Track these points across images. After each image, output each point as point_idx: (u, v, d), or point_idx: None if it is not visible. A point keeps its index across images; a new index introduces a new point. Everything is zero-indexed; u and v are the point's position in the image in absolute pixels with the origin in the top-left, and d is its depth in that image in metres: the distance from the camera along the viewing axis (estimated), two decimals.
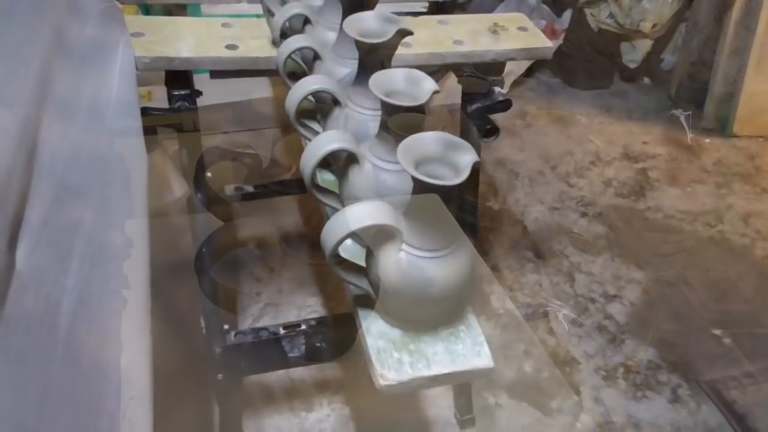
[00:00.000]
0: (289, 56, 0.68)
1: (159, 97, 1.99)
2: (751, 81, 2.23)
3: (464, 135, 1.19)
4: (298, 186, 1.66)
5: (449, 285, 0.47)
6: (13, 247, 0.59)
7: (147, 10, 1.66)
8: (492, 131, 1.00)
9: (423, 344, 0.50)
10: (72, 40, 0.81)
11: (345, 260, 0.51)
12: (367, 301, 0.53)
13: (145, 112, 0.85)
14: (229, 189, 1.56)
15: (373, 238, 0.49)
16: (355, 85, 0.62)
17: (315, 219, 1.91)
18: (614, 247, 1.89)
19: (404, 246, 0.47)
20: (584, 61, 2.52)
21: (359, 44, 0.58)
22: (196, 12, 1.11)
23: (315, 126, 0.72)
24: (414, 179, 0.44)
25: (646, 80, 2.63)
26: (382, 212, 0.46)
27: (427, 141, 0.47)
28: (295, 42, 0.67)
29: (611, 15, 2.41)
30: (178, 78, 0.93)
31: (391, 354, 0.49)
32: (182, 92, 0.93)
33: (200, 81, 1.00)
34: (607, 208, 2.02)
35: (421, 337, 0.51)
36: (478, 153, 1.21)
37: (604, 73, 2.57)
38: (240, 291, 1.68)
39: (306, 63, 0.75)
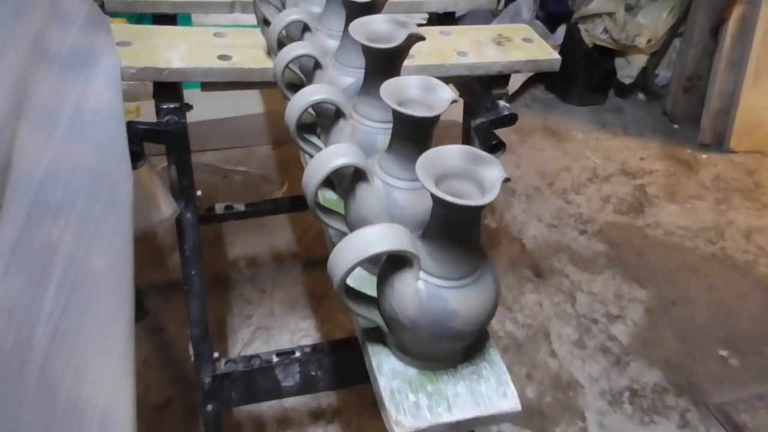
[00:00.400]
0: (287, 65, 0.63)
1: (147, 113, 1.93)
2: (747, 95, 2.21)
3: None
4: (290, 204, 1.61)
5: (474, 318, 0.42)
6: None
7: (136, 20, 1.60)
8: (498, 146, 0.95)
9: (442, 384, 0.45)
10: (54, 48, 0.76)
11: (354, 290, 0.45)
12: (378, 336, 0.48)
13: (131, 126, 0.79)
14: (220, 207, 1.51)
15: (387, 266, 0.43)
16: (361, 94, 0.57)
17: (308, 237, 1.85)
18: (615, 265, 1.84)
19: (422, 274, 0.42)
20: (579, 77, 2.50)
21: (367, 50, 0.53)
22: (186, 22, 1.06)
23: (316, 141, 0.67)
24: (435, 199, 0.38)
25: (641, 95, 2.61)
26: (397, 237, 0.41)
27: (449, 155, 0.42)
28: (294, 50, 0.62)
29: (606, 30, 2.40)
30: (167, 90, 0.87)
31: (406, 396, 0.44)
32: (171, 105, 0.88)
33: (190, 96, 0.95)
34: (606, 225, 1.98)
35: (440, 377, 0.45)
36: None
37: (599, 88, 2.55)
38: (230, 313, 1.61)
39: (305, 73, 0.70)
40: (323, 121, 0.62)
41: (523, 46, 1.00)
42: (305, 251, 1.82)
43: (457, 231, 0.41)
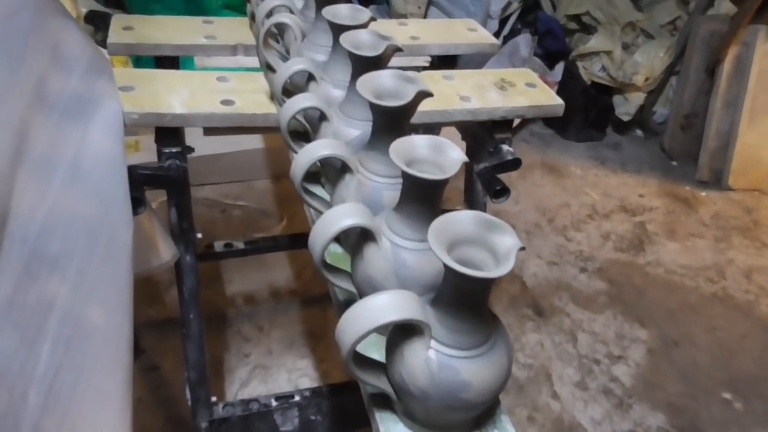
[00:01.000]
0: (292, 117, 0.62)
1: (147, 147, 1.92)
2: (744, 134, 2.23)
3: (470, 195, 1.13)
4: (289, 242, 1.59)
5: (486, 388, 0.40)
6: None
7: (138, 62, 1.61)
8: (501, 192, 0.94)
9: None
10: (55, 94, 0.75)
11: (362, 356, 0.44)
12: (386, 402, 0.46)
13: (132, 171, 0.78)
14: (219, 245, 1.49)
15: (397, 333, 0.42)
16: (368, 149, 0.56)
17: (306, 274, 1.83)
18: (616, 303, 1.83)
19: (433, 343, 0.41)
20: (577, 113, 2.51)
21: (375, 107, 0.52)
22: (189, 65, 1.06)
23: (319, 191, 0.66)
24: (447, 269, 0.37)
25: (639, 132, 2.63)
26: (408, 305, 0.40)
27: (461, 221, 0.41)
28: (299, 102, 0.62)
29: (603, 68, 2.42)
30: (169, 134, 0.86)
31: None
32: (173, 150, 0.87)
33: (191, 131, 0.94)
34: (606, 262, 1.97)
35: None
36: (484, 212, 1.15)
37: (597, 124, 2.56)
38: (227, 351, 1.58)
39: (310, 123, 0.69)
40: (328, 171, 0.61)
41: (527, 91, 1.00)
42: (303, 288, 1.80)
43: (469, 300, 0.40)
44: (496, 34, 2.71)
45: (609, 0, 2.46)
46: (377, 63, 0.61)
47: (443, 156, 0.48)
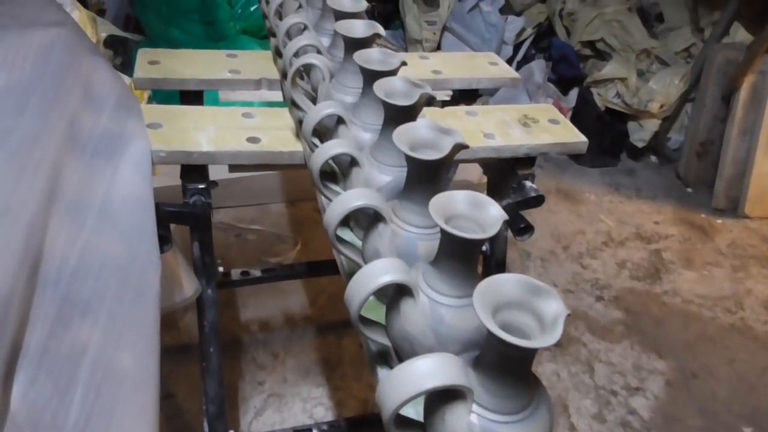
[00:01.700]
0: (324, 163, 0.62)
1: (165, 171, 1.94)
2: (760, 162, 2.22)
3: (493, 240, 1.13)
4: (306, 270, 1.59)
5: None
6: (8, 383, 0.51)
7: (162, 96, 1.62)
8: (525, 230, 0.94)
9: None
10: (86, 133, 0.76)
11: (402, 417, 0.43)
12: None
13: (158, 208, 0.78)
14: (236, 273, 1.49)
15: (439, 396, 0.41)
16: (402, 199, 0.56)
17: (321, 300, 1.83)
18: (633, 333, 1.81)
19: (476, 407, 0.40)
20: (592, 139, 2.50)
21: (411, 160, 0.52)
22: (213, 98, 1.07)
23: (348, 235, 0.66)
24: (493, 336, 0.37)
25: (653, 158, 2.62)
26: (450, 370, 0.39)
27: (506, 285, 0.41)
28: (331, 148, 0.62)
29: (618, 95, 2.42)
30: (195, 171, 0.87)
31: None
32: (198, 186, 0.88)
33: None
34: (623, 291, 1.96)
35: None
36: (505, 248, 1.15)
37: (611, 150, 2.56)
38: (242, 380, 1.58)
39: (339, 165, 0.70)
40: (359, 217, 0.61)
41: (550, 127, 1.00)
42: (318, 315, 1.79)
43: (514, 365, 0.40)
44: (510, 60, 2.73)
45: (623, 27, 2.47)
46: (411, 112, 0.61)
47: (483, 213, 0.48)
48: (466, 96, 1.19)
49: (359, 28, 0.76)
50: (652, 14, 2.58)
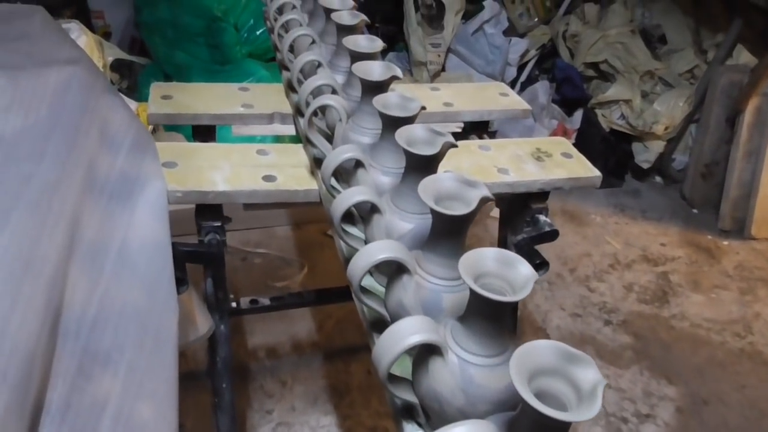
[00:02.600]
0: (346, 211, 0.62)
1: None
2: (766, 184, 2.22)
3: None
4: (315, 298, 1.58)
5: None
6: None
7: (175, 130, 1.64)
8: (542, 265, 0.94)
9: None
10: (103, 176, 0.76)
11: None
12: None
13: (173, 248, 0.78)
14: (245, 302, 1.48)
15: None
16: (426, 251, 0.56)
17: (328, 325, 1.82)
18: (642, 358, 1.80)
19: None
20: (596, 160, 2.50)
21: (438, 214, 0.52)
22: (226, 133, 1.07)
23: (367, 279, 0.65)
24: (528, 406, 0.36)
25: (658, 179, 2.62)
26: None
27: (543, 351, 0.40)
28: (352, 196, 0.62)
29: (622, 116, 2.43)
30: (210, 209, 0.87)
31: None
32: (213, 224, 0.87)
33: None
34: (630, 315, 1.95)
35: None
36: None
37: (616, 171, 2.56)
38: (250, 408, 1.56)
39: (359, 210, 0.69)
40: (382, 266, 0.60)
41: (564, 162, 1.00)
42: (326, 341, 1.78)
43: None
44: (514, 81, 2.74)
45: (627, 49, 2.49)
46: (433, 161, 0.61)
47: (513, 271, 0.48)
48: (477, 127, 1.19)
49: (376, 70, 0.76)
50: (655, 36, 2.60)
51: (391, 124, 0.68)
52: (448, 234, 0.54)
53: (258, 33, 2.33)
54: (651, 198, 2.54)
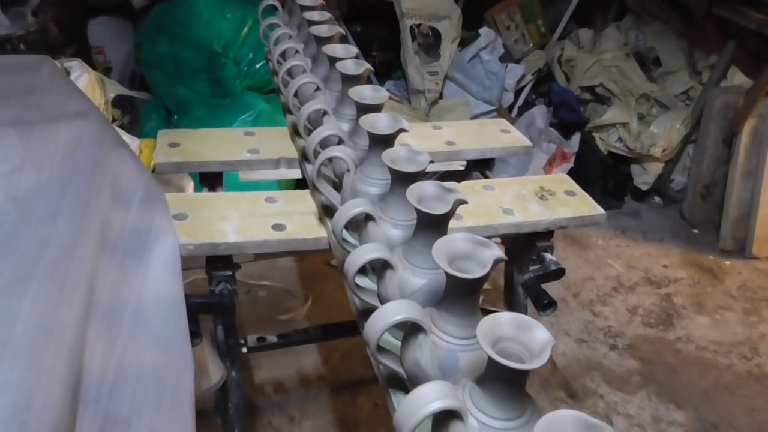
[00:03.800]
0: (359, 269, 0.63)
1: None
2: (765, 204, 2.23)
3: (510, 296, 1.13)
4: (322, 334, 1.58)
5: None
6: None
7: (198, 183, 1.65)
8: (549, 305, 0.94)
9: None
10: (116, 232, 0.76)
11: None
12: None
13: (186, 300, 0.78)
14: (252, 340, 1.48)
15: None
16: (440, 310, 0.57)
17: (334, 358, 1.82)
18: (649, 383, 1.80)
19: None
20: (596, 182, 2.53)
21: (453, 277, 0.53)
22: (232, 178, 1.08)
23: (389, 339, 0.66)
24: None
25: (657, 199, 2.64)
26: None
27: (564, 422, 0.41)
28: (364, 254, 0.63)
29: (620, 139, 2.45)
30: (221, 259, 0.88)
31: None
32: (224, 273, 0.88)
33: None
34: (636, 339, 1.95)
35: None
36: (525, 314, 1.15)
37: (615, 193, 2.58)
38: None
39: (372, 264, 0.70)
40: (398, 325, 0.61)
41: (567, 200, 1.01)
42: (332, 374, 1.78)
43: None
44: (512, 106, 2.77)
45: (622, 72, 2.52)
46: (445, 219, 0.62)
47: (529, 336, 0.48)
48: (479, 164, 1.21)
49: (383, 123, 0.78)
50: (649, 58, 2.63)
51: (401, 178, 0.70)
52: (463, 295, 0.55)
53: (257, 66, 2.36)
54: (651, 219, 2.56)
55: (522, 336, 0.49)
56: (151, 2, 2.62)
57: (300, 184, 1.06)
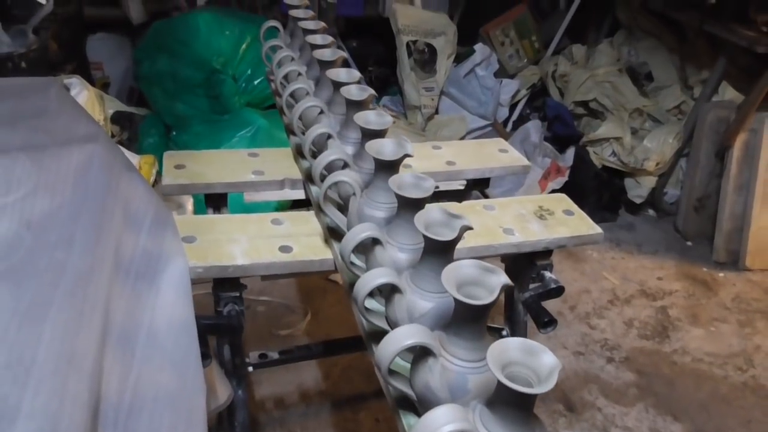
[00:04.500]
0: (368, 294, 0.65)
1: None
2: (758, 216, 2.27)
3: (510, 314, 1.16)
4: (323, 350, 1.60)
5: None
6: None
7: (198, 201, 1.67)
8: (550, 323, 0.97)
9: None
10: (128, 257, 0.78)
11: None
12: None
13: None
14: (254, 356, 1.49)
15: None
16: (449, 334, 0.59)
17: (335, 373, 1.83)
18: (646, 396, 1.82)
19: None
20: (590, 196, 2.56)
21: (462, 303, 0.55)
22: (237, 200, 1.10)
23: (400, 361, 0.67)
24: None
25: (651, 212, 2.67)
26: None
27: None
28: (373, 279, 0.65)
29: (614, 153, 2.49)
30: (229, 281, 0.89)
31: None
32: (232, 294, 0.90)
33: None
34: (632, 351, 1.97)
35: None
36: (525, 334, 1.17)
37: (610, 206, 2.61)
38: None
39: (380, 287, 0.72)
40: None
41: (566, 220, 1.04)
42: (333, 388, 1.79)
43: None
44: (507, 120, 2.80)
45: (615, 87, 2.56)
46: (452, 245, 0.64)
47: (537, 361, 0.50)
48: (478, 183, 1.23)
49: (389, 149, 0.80)
50: (642, 73, 2.67)
51: (407, 203, 0.72)
52: (471, 319, 0.57)
53: (256, 83, 2.38)
54: (645, 232, 2.59)
55: (530, 361, 0.51)
56: (150, 19, 2.65)
57: (297, 202, 1.07)
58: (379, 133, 0.85)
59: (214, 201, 1.10)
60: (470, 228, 0.65)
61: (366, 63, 2.92)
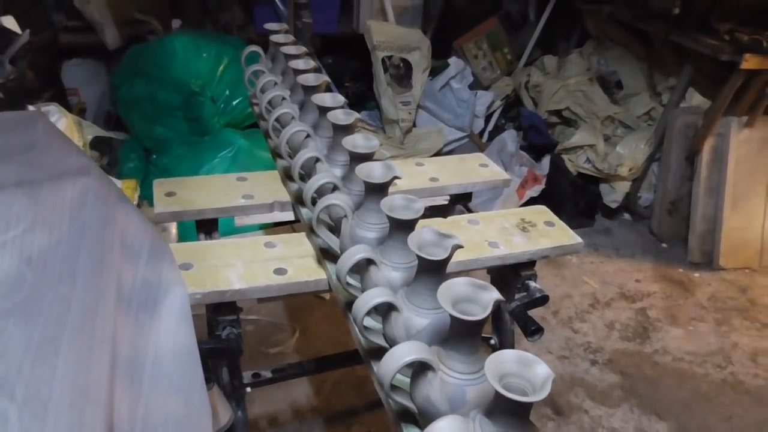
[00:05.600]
0: (366, 313, 0.68)
1: None
2: (729, 218, 2.35)
3: (498, 323, 1.19)
4: (316, 367, 1.62)
5: None
6: None
7: (181, 225, 1.68)
8: (537, 331, 1.00)
9: None
10: (129, 288, 0.80)
11: None
12: None
13: None
14: (247, 376, 1.51)
15: None
16: (447, 349, 0.62)
17: (326, 388, 1.85)
18: (631, 396, 1.87)
19: None
20: (567, 202, 2.63)
21: (458, 319, 0.58)
22: (228, 224, 1.12)
23: (401, 378, 0.70)
24: None
25: (627, 216, 2.74)
26: None
27: None
28: (371, 299, 0.68)
29: (588, 160, 2.55)
30: (226, 305, 0.92)
31: None
32: (229, 318, 0.92)
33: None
34: (615, 353, 2.03)
35: None
36: (513, 342, 1.21)
37: (586, 212, 2.67)
38: None
39: (376, 306, 0.75)
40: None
41: (548, 231, 1.08)
42: (325, 404, 1.81)
43: None
44: (483, 131, 2.86)
45: (587, 96, 2.63)
46: (444, 264, 0.67)
47: (531, 371, 0.54)
48: (461, 197, 1.27)
49: (377, 172, 0.83)
50: (612, 82, 2.75)
51: (399, 225, 0.75)
52: (467, 334, 0.61)
53: (234, 103, 2.40)
54: (622, 235, 2.66)
55: (524, 371, 0.54)
56: (125, 44, 2.66)
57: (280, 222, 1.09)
58: (367, 156, 0.88)
59: (206, 226, 1.12)
60: (461, 246, 0.68)
61: (342, 79, 2.96)
